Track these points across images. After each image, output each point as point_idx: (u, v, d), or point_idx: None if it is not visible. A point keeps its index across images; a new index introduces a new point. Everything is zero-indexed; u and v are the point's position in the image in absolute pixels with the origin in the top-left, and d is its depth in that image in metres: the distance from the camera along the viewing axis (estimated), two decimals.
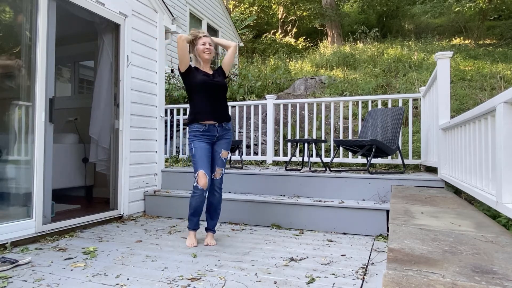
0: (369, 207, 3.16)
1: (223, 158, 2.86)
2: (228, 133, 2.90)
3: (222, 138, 2.87)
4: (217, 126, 2.81)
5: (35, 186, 2.94)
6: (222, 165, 2.87)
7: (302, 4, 17.34)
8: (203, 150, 2.74)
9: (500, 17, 15.50)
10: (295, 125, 5.27)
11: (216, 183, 2.85)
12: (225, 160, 2.89)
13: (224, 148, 2.87)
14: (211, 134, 2.80)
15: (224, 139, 2.88)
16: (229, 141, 2.92)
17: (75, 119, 4.85)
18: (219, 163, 2.85)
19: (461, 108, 6.21)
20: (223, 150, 2.85)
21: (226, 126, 2.87)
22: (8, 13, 3.02)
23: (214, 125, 2.79)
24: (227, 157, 2.93)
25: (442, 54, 3.20)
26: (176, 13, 8.36)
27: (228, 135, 2.90)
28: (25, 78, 2.98)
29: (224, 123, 2.86)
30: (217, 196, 2.89)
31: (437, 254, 1.34)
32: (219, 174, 2.85)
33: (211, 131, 2.79)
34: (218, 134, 2.83)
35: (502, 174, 1.59)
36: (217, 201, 2.91)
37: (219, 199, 2.91)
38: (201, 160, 2.72)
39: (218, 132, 2.82)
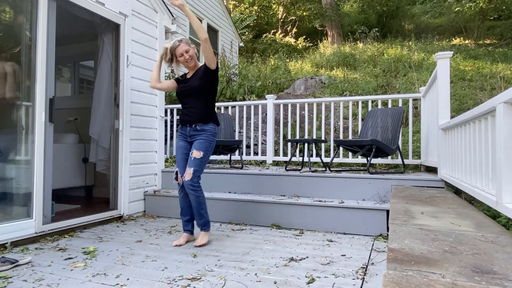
0: (369, 207, 3.16)
1: (193, 157, 2.76)
2: (201, 134, 2.81)
3: (195, 138, 2.83)
4: (188, 126, 2.86)
5: (35, 186, 2.94)
6: (192, 165, 2.75)
7: (302, 4, 17.34)
8: (178, 148, 2.93)
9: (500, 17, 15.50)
10: (295, 125, 5.27)
11: (185, 184, 2.76)
12: (197, 160, 2.75)
13: (195, 148, 2.77)
14: (184, 133, 2.92)
15: (197, 139, 2.81)
16: (202, 141, 2.79)
17: (75, 119, 4.85)
18: (189, 163, 2.77)
19: (461, 108, 6.22)
20: (193, 150, 2.78)
21: (197, 127, 2.81)
22: (8, 13, 3.02)
23: (186, 126, 2.89)
24: (201, 158, 2.76)
25: (442, 54, 3.20)
26: (176, 13, 8.35)
27: (200, 136, 2.80)
28: (25, 78, 2.98)
29: (195, 125, 2.82)
30: (191, 195, 2.77)
31: (437, 254, 1.34)
32: (188, 174, 2.73)
33: (184, 130, 2.92)
34: (189, 134, 2.87)
35: (502, 174, 1.59)
36: (195, 202, 2.79)
37: (197, 200, 2.78)
38: (177, 157, 2.93)
39: (189, 132, 2.87)
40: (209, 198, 3.70)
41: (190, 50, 2.79)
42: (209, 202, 3.66)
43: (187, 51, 2.78)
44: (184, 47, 2.78)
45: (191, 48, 2.82)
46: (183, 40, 2.82)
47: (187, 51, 2.78)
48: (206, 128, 2.82)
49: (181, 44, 2.78)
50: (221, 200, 3.70)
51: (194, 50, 2.86)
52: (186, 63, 2.83)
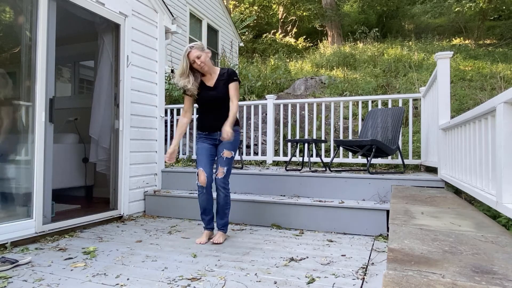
0: (369, 207, 3.16)
1: (225, 157, 2.86)
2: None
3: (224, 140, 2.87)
4: (218, 131, 2.88)
5: (35, 186, 2.94)
6: (225, 165, 2.86)
7: (302, 4, 17.34)
8: (204, 149, 2.90)
9: (500, 17, 15.50)
10: (295, 125, 5.27)
11: (218, 182, 2.86)
12: (228, 159, 2.87)
13: (226, 148, 2.86)
14: (213, 137, 2.92)
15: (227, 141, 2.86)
16: (232, 142, 2.87)
17: (75, 119, 4.85)
18: (221, 163, 2.86)
19: (461, 108, 6.21)
20: (224, 150, 2.86)
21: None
22: (8, 13, 3.02)
23: (216, 132, 2.90)
24: (231, 157, 2.89)
25: (442, 54, 3.20)
26: (176, 13, 8.36)
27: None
28: (25, 78, 2.98)
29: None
30: (221, 195, 2.89)
31: (437, 254, 1.34)
32: (221, 173, 2.85)
33: (212, 135, 2.92)
34: (219, 137, 2.88)
35: (502, 174, 1.59)
36: (222, 201, 2.90)
37: (225, 199, 2.90)
38: (201, 158, 2.88)
39: (219, 136, 2.87)
40: None
41: (201, 56, 2.75)
42: None
43: (199, 57, 2.74)
44: (195, 52, 2.74)
45: (204, 53, 2.78)
46: (195, 46, 2.77)
47: (198, 57, 2.74)
48: (234, 129, 2.87)
49: (192, 50, 2.74)
50: None
51: (208, 55, 2.83)
52: (201, 69, 2.81)
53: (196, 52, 2.74)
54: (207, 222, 3.00)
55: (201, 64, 2.76)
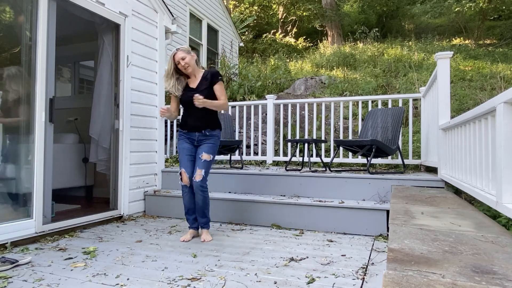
0: (369, 207, 3.16)
1: (203, 159, 2.90)
2: (210, 138, 2.96)
3: (203, 142, 2.96)
4: (197, 132, 2.96)
5: (35, 186, 2.94)
6: (202, 167, 2.90)
7: (302, 4, 17.34)
8: (184, 150, 3.00)
9: (500, 17, 15.50)
10: (295, 125, 5.27)
11: (195, 184, 2.90)
12: (207, 161, 2.91)
13: (205, 151, 2.92)
14: (191, 137, 2.99)
15: (205, 143, 2.95)
16: (211, 145, 2.95)
17: (75, 119, 4.85)
18: (199, 165, 2.91)
19: (461, 108, 6.22)
20: (203, 153, 2.92)
21: (206, 132, 2.95)
22: (8, 13, 3.02)
23: (194, 132, 2.97)
24: (210, 160, 2.94)
25: (442, 54, 3.20)
26: (176, 13, 8.36)
27: (209, 140, 2.96)
28: (25, 78, 2.98)
29: (204, 131, 2.95)
30: (199, 197, 2.92)
31: (437, 254, 1.34)
32: (199, 175, 2.88)
33: (191, 135, 2.99)
34: (198, 139, 2.97)
35: (502, 174, 1.59)
36: (201, 202, 2.94)
37: (203, 200, 2.94)
38: (182, 160, 3.00)
39: (198, 138, 2.97)
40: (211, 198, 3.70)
41: (186, 57, 2.88)
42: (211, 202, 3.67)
43: (183, 58, 2.87)
44: (180, 54, 2.88)
45: (189, 55, 2.90)
46: (180, 48, 2.93)
47: (183, 58, 2.87)
48: (214, 133, 2.98)
49: (178, 52, 2.89)
50: (221, 200, 3.70)
51: (193, 58, 2.94)
52: (185, 70, 2.92)
53: (181, 53, 2.88)
54: (192, 221, 3.08)
55: (185, 65, 2.88)
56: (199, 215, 3.02)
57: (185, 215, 3.08)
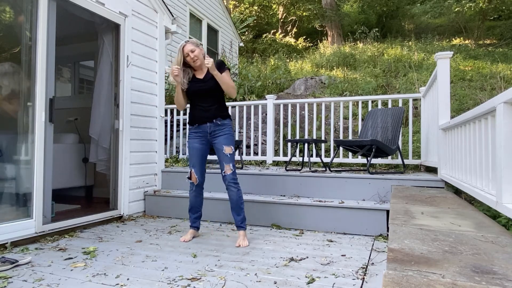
0: (369, 207, 3.16)
1: (227, 153, 2.86)
2: (224, 129, 2.91)
3: (217, 134, 2.90)
4: (208, 123, 2.91)
5: (35, 186, 2.94)
6: (229, 161, 2.86)
7: (302, 4, 17.34)
8: (194, 149, 2.96)
9: (500, 17, 15.50)
10: (295, 125, 5.27)
11: (228, 178, 2.86)
12: (231, 154, 2.87)
13: (225, 144, 2.87)
14: (203, 130, 2.94)
15: (221, 135, 2.90)
16: (227, 135, 2.90)
17: (75, 119, 4.85)
18: (225, 160, 2.86)
19: (461, 108, 6.22)
20: (224, 146, 2.87)
21: (218, 122, 2.91)
22: (8, 13, 3.02)
23: (205, 123, 2.92)
24: (233, 152, 2.89)
25: (442, 54, 3.20)
26: (176, 13, 8.36)
27: (223, 131, 2.90)
28: (25, 78, 2.98)
29: (215, 120, 2.90)
30: (234, 191, 2.88)
31: (437, 254, 1.34)
32: (229, 169, 2.86)
33: (203, 128, 2.94)
34: (210, 130, 2.91)
35: (502, 174, 1.59)
36: (236, 196, 2.89)
37: (238, 194, 2.89)
38: (192, 158, 2.96)
39: (210, 129, 2.91)
40: (209, 198, 3.70)
41: (195, 50, 2.85)
42: (209, 202, 3.67)
43: (193, 51, 2.84)
44: (190, 46, 2.84)
45: (197, 48, 2.88)
46: (190, 40, 2.91)
47: (192, 51, 2.84)
48: (225, 122, 2.94)
49: (187, 44, 2.86)
50: (221, 200, 3.70)
51: (202, 51, 2.92)
52: (193, 63, 2.88)
53: (190, 46, 2.85)
54: (193, 220, 3.06)
55: (194, 57, 2.85)
56: (235, 212, 2.91)
57: (188, 212, 3.06)
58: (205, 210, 3.61)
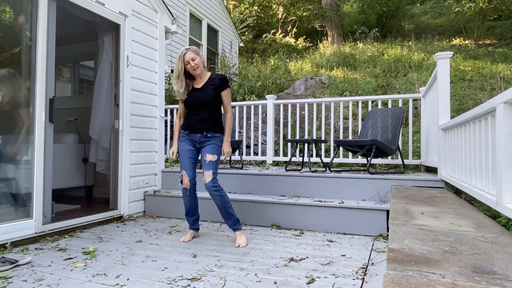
0: (369, 207, 3.16)
1: (208, 161, 2.84)
2: (212, 140, 2.90)
3: (205, 144, 2.91)
4: (199, 134, 2.92)
5: (35, 186, 2.94)
6: (210, 168, 2.83)
7: (302, 4, 17.34)
8: (185, 152, 2.95)
9: (500, 17, 15.50)
10: (295, 125, 5.27)
11: (207, 186, 2.83)
12: (212, 162, 2.85)
13: (208, 152, 2.87)
14: (192, 139, 2.95)
15: (208, 145, 2.90)
16: (213, 146, 2.89)
17: (75, 119, 4.85)
18: (206, 167, 2.85)
19: (461, 108, 6.22)
20: (207, 154, 2.86)
21: (208, 134, 2.90)
22: (8, 13, 3.02)
23: (196, 133, 2.93)
24: (216, 160, 2.87)
25: (442, 54, 3.20)
26: (176, 13, 8.36)
27: (211, 141, 2.90)
28: (25, 78, 2.98)
29: (205, 133, 2.90)
30: (216, 198, 2.85)
31: (437, 254, 1.34)
32: (208, 177, 2.82)
33: (193, 137, 2.95)
34: (199, 140, 2.93)
35: (502, 174, 1.59)
36: (220, 203, 2.85)
37: (221, 200, 2.85)
38: (183, 162, 2.94)
39: (199, 139, 2.92)
40: (208, 198, 3.69)
41: (196, 59, 2.83)
42: (208, 202, 3.67)
43: (193, 59, 2.82)
44: (190, 54, 2.82)
45: (198, 56, 2.86)
46: (190, 48, 2.88)
47: (193, 59, 2.82)
48: (216, 135, 2.93)
49: (188, 52, 2.83)
50: None
51: (202, 59, 2.91)
52: (193, 71, 2.86)
53: (191, 54, 2.83)
54: (192, 222, 3.06)
55: (195, 66, 2.83)
56: (225, 217, 2.89)
57: (186, 216, 3.06)
58: (205, 210, 3.62)
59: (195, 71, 2.86)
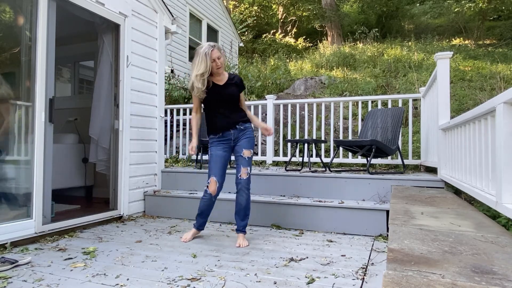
0: (369, 207, 3.16)
1: (246, 157, 2.84)
2: (246, 132, 2.90)
3: (240, 138, 2.89)
4: (232, 130, 2.89)
5: (35, 186, 2.93)
6: (247, 164, 2.84)
7: (302, 4, 17.34)
8: (218, 157, 2.89)
9: (499, 17, 15.52)
10: (295, 125, 5.27)
11: (242, 183, 2.82)
12: (250, 158, 2.85)
13: (245, 147, 2.85)
14: (227, 138, 2.90)
15: (243, 139, 2.88)
16: (249, 139, 2.88)
17: (75, 119, 4.85)
18: (243, 163, 2.84)
19: (461, 108, 6.22)
20: (244, 150, 2.85)
21: (241, 126, 2.89)
22: (8, 13, 3.02)
23: (229, 130, 2.89)
24: (251, 156, 2.87)
25: (442, 54, 3.20)
26: (176, 13, 8.36)
27: (246, 135, 2.89)
28: (25, 78, 2.98)
29: (238, 126, 2.89)
30: (244, 196, 2.84)
31: (437, 254, 1.34)
32: (245, 174, 2.82)
33: (227, 136, 2.90)
34: (235, 136, 2.89)
35: (502, 175, 1.59)
36: (245, 202, 2.85)
37: (247, 200, 2.86)
38: (214, 166, 2.87)
39: (234, 135, 2.89)
40: None
41: (221, 57, 2.82)
42: None
43: (219, 58, 2.80)
44: (217, 53, 2.78)
45: (223, 55, 2.86)
46: (215, 45, 2.81)
47: (218, 58, 2.79)
48: (247, 125, 2.93)
49: (214, 49, 2.77)
50: (220, 200, 3.69)
51: (224, 57, 2.91)
52: (217, 69, 2.82)
53: (217, 52, 2.79)
54: (200, 223, 3.04)
55: (220, 65, 2.81)
56: (240, 218, 2.88)
57: (197, 217, 3.00)
58: None
59: (219, 69, 2.82)
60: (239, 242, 2.83)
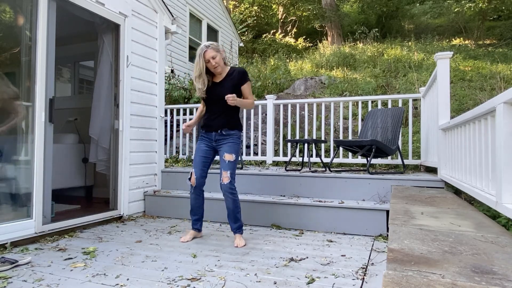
0: (369, 207, 3.16)
1: (227, 160, 2.81)
2: (227, 138, 2.86)
3: (221, 142, 2.87)
4: (213, 132, 2.89)
5: (35, 186, 2.93)
6: (227, 168, 2.80)
7: (302, 4, 17.34)
8: (199, 150, 2.97)
9: (500, 17, 15.52)
10: (295, 125, 5.27)
11: (223, 187, 2.80)
12: (231, 162, 2.81)
13: (226, 151, 2.83)
14: (208, 137, 2.95)
15: (225, 143, 2.85)
16: (232, 144, 2.85)
17: (75, 119, 4.85)
18: (223, 167, 2.81)
19: (461, 108, 6.22)
20: (225, 153, 2.83)
21: (223, 132, 2.86)
22: (8, 13, 3.02)
23: (211, 132, 2.91)
24: (234, 160, 2.83)
25: (442, 54, 3.20)
26: (176, 13, 8.36)
27: (228, 140, 2.86)
28: (25, 78, 2.98)
29: (220, 130, 2.86)
30: (229, 200, 2.83)
31: (437, 254, 1.34)
32: (226, 178, 2.79)
33: (208, 135, 2.94)
34: (215, 138, 2.90)
35: (502, 175, 1.59)
36: (231, 205, 2.83)
37: (233, 203, 2.83)
38: (195, 159, 2.97)
39: (214, 137, 2.90)
40: (209, 198, 3.70)
41: (216, 57, 2.75)
42: (209, 202, 3.67)
43: (214, 57, 2.74)
44: (210, 53, 2.74)
45: (218, 53, 2.78)
46: (210, 45, 2.76)
47: (213, 57, 2.74)
48: (231, 132, 2.87)
49: (208, 49, 2.74)
50: (221, 200, 3.70)
51: (222, 55, 2.83)
52: (214, 69, 2.80)
53: (211, 52, 2.74)
54: (194, 222, 3.05)
55: (215, 64, 2.76)
56: (231, 220, 2.89)
57: (190, 213, 3.06)
58: (205, 210, 3.61)
59: (216, 69, 2.79)
60: (236, 242, 2.84)
